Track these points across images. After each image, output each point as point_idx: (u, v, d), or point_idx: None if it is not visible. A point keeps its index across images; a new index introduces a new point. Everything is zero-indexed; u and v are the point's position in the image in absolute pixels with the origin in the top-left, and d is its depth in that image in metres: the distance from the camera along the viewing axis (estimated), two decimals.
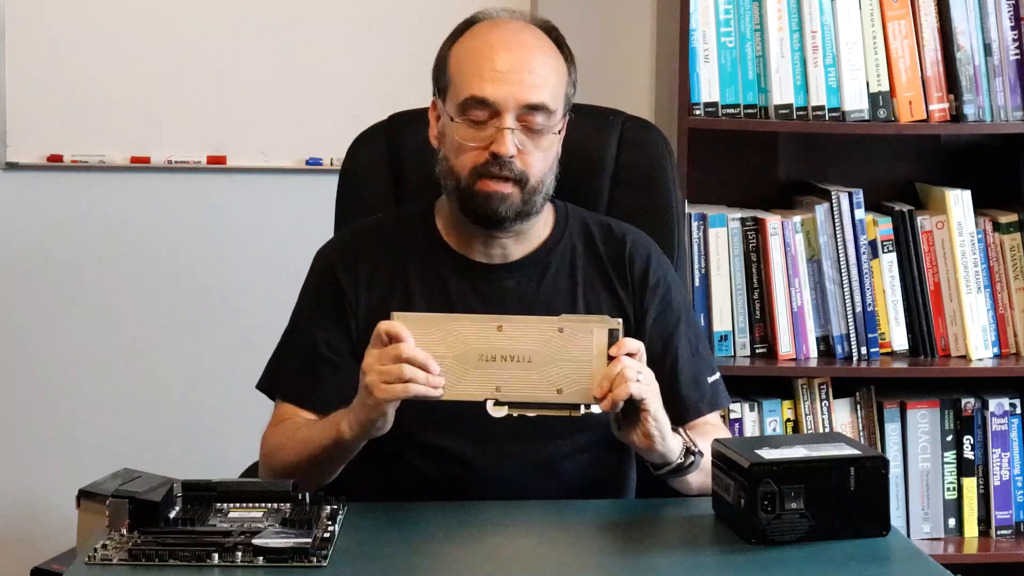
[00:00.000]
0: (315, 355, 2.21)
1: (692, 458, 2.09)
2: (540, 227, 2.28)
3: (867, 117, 3.06)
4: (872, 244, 3.09)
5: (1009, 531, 3.13)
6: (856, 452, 1.90)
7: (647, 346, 2.14)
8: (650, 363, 2.20)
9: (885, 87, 3.06)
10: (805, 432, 3.07)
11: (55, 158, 3.25)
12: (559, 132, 2.24)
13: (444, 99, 2.23)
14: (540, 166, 2.20)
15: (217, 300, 3.33)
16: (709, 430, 2.22)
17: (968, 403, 3.13)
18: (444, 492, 2.14)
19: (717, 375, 2.31)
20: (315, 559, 1.79)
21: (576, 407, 2.01)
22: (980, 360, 3.10)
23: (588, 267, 2.29)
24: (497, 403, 2.01)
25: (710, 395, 2.28)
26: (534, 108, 2.18)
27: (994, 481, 3.13)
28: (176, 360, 3.34)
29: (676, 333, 2.27)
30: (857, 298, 3.08)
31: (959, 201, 3.11)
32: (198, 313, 3.33)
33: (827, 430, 3.08)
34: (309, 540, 1.81)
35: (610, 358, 2.00)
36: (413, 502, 2.06)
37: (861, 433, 3.11)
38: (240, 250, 3.31)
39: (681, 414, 2.22)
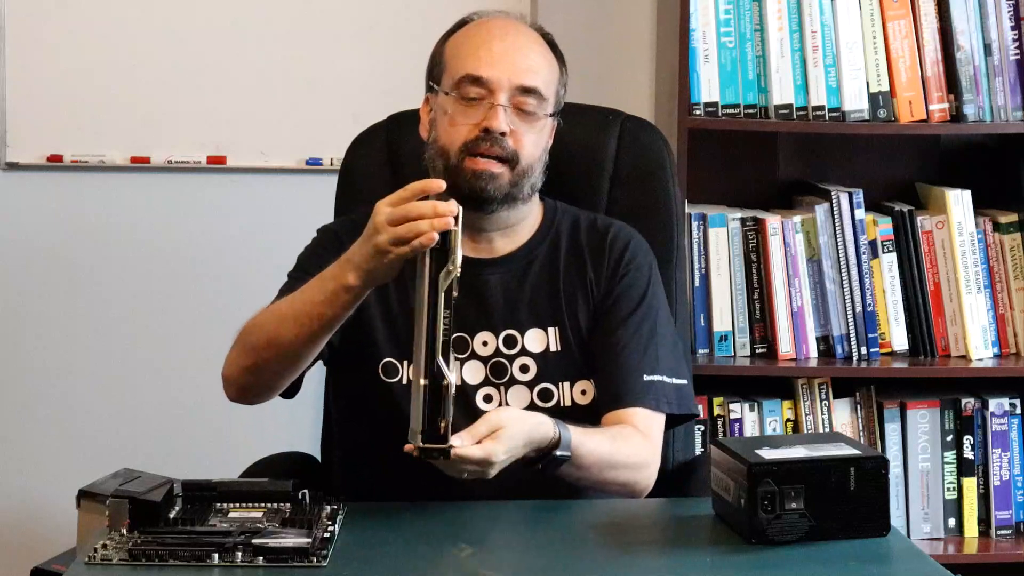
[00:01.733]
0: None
1: (548, 462, 2.06)
2: (528, 224, 2.31)
3: (867, 117, 3.06)
4: (872, 244, 3.09)
5: (1009, 531, 3.13)
6: (856, 452, 1.90)
7: (596, 321, 2.22)
8: (594, 341, 2.23)
9: (885, 87, 3.06)
10: (805, 432, 3.06)
11: (55, 158, 3.25)
12: (550, 116, 2.26)
13: (439, 84, 2.26)
14: (531, 149, 2.23)
15: (217, 300, 3.33)
16: (620, 431, 2.18)
17: (968, 403, 3.13)
18: (438, 492, 2.15)
19: (662, 377, 2.24)
20: (315, 559, 1.79)
21: None
22: (980, 360, 3.10)
23: (569, 262, 2.30)
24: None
25: (639, 391, 2.22)
26: (527, 91, 2.22)
27: (994, 481, 3.13)
28: (176, 360, 3.33)
29: (630, 321, 2.25)
30: (857, 298, 3.08)
31: (959, 201, 3.11)
32: (198, 313, 3.33)
33: (827, 430, 3.08)
34: (309, 540, 1.82)
35: None
36: (412, 502, 2.06)
37: (861, 433, 3.11)
38: (240, 250, 3.31)
39: (603, 401, 2.23)
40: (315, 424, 2.66)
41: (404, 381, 2.23)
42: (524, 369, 2.25)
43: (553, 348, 2.26)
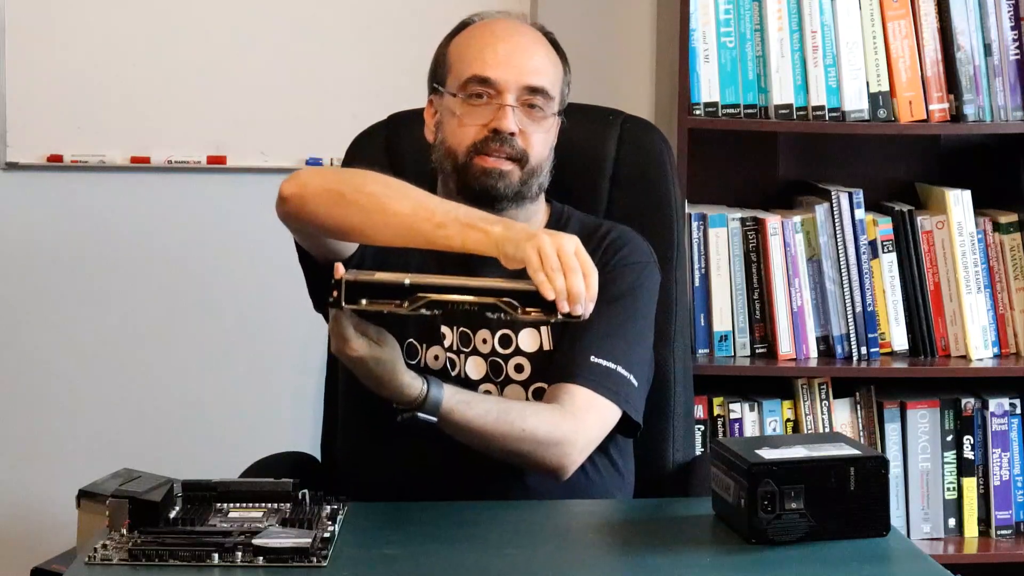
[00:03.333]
0: None
1: (408, 419, 2.05)
2: (534, 225, 2.29)
3: (867, 117, 3.06)
4: (872, 244, 3.09)
5: (1009, 531, 3.13)
6: (856, 452, 1.90)
7: None
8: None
9: (885, 87, 3.06)
10: (805, 432, 3.07)
11: (55, 158, 3.25)
12: (557, 115, 2.27)
13: (444, 86, 2.26)
14: (540, 148, 2.25)
15: (217, 300, 3.33)
16: (532, 405, 2.17)
17: (968, 403, 3.13)
18: (441, 486, 2.16)
19: (614, 366, 2.18)
20: (315, 559, 1.79)
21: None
22: (980, 360, 3.10)
23: None
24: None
25: (582, 369, 2.17)
26: (534, 91, 2.24)
27: (994, 481, 3.13)
28: (176, 360, 3.34)
29: (601, 308, 2.12)
30: (857, 298, 3.08)
31: (959, 201, 3.11)
32: (198, 313, 3.33)
33: (827, 430, 3.08)
34: (309, 540, 1.81)
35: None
36: (413, 502, 2.06)
37: (861, 433, 3.11)
38: (240, 250, 3.31)
39: (550, 375, 2.21)
40: (315, 424, 2.66)
41: (422, 364, 2.23)
42: (519, 369, 2.25)
43: (547, 347, 2.25)
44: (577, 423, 2.15)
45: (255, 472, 2.34)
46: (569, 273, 1.90)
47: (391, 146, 2.50)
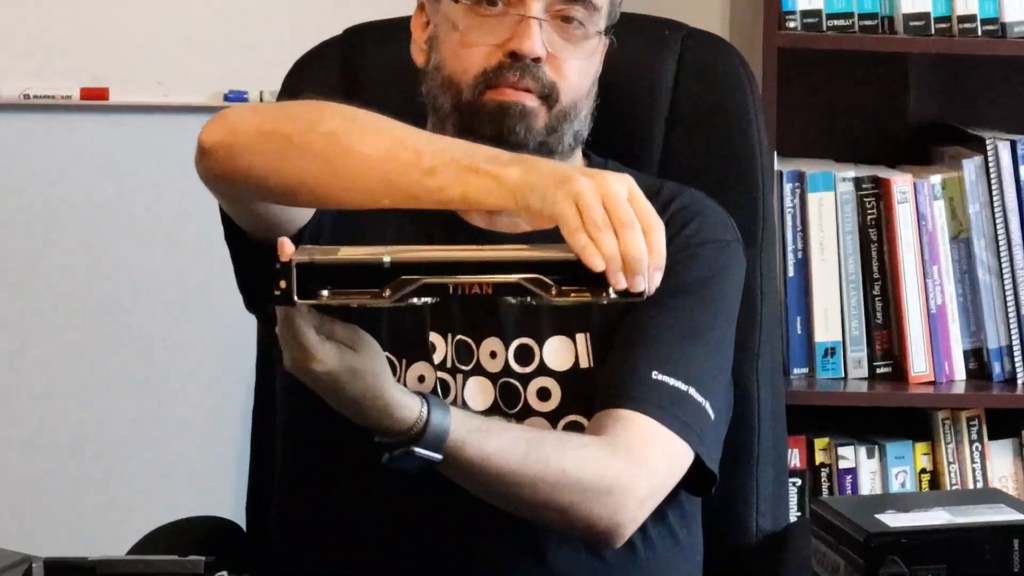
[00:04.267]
0: None
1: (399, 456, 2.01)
2: None
3: None
4: None
5: None
6: (1020, 517, 1.90)
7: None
8: (611, 316, 2.21)
9: None
10: (948, 488, 3.07)
11: None
12: (603, 34, 2.27)
13: None
14: (577, 80, 2.24)
15: (90, 297, 3.34)
16: (573, 438, 2.16)
17: None
18: (416, 566, 2.18)
19: (684, 387, 2.17)
20: None
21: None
22: None
23: None
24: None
25: (640, 391, 2.15)
26: None
27: None
28: (36, 388, 3.35)
29: (667, 304, 2.18)
30: (1022, 295, 3.08)
31: None
32: (62, 317, 3.34)
33: (980, 485, 3.09)
34: None
35: None
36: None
37: None
38: (125, 221, 3.31)
39: (597, 397, 2.20)
40: (238, 478, 2.67)
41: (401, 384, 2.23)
42: (544, 394, 2.25)
43: (584, 364, 2.25)
44: (637, 464, 2.12)
45: (152, 545, 2.34)
46: (622, 230, 1.86)
47: (349, 74, 2.50)
